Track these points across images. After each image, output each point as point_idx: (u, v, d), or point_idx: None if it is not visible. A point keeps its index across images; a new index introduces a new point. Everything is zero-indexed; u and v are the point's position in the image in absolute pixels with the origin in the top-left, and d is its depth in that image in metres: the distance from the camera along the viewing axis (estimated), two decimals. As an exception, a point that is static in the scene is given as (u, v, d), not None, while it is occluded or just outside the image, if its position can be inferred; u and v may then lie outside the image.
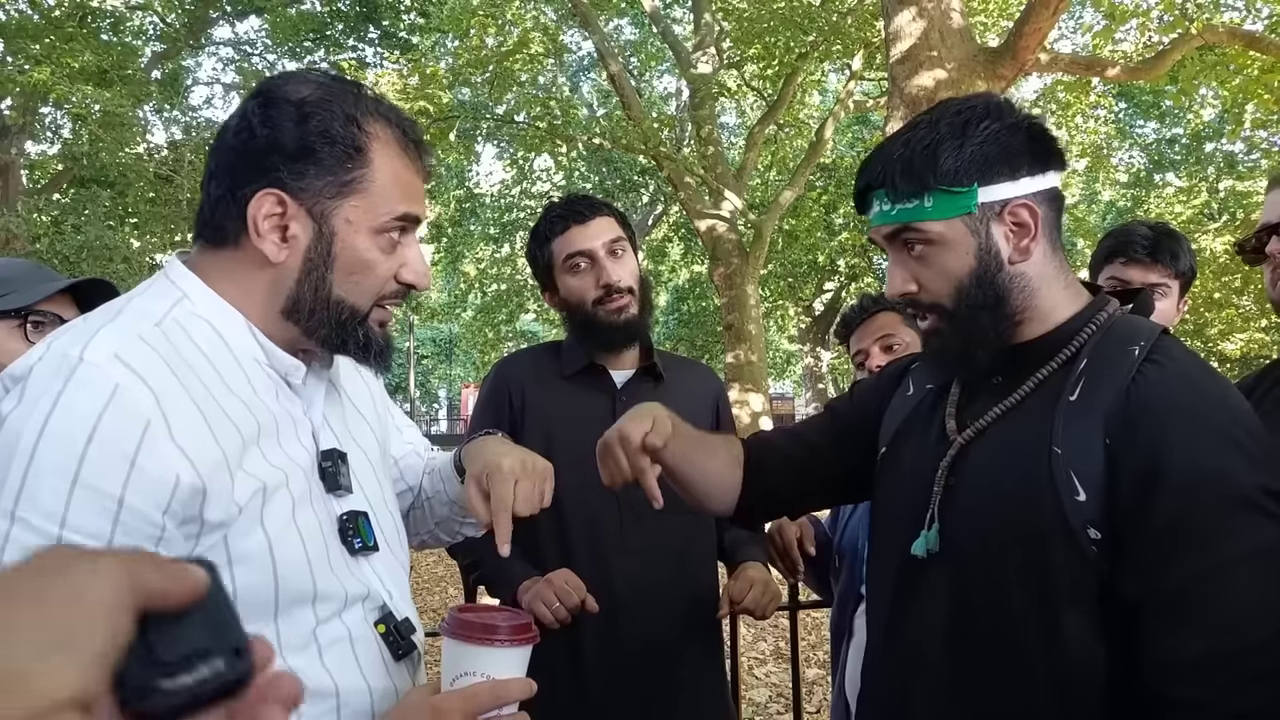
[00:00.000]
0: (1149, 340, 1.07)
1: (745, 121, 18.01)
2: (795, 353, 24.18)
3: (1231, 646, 0.95)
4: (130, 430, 0.84)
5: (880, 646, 1.23)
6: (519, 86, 13.39)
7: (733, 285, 11.50)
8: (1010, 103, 1.16)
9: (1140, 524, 0.99)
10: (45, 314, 1.71)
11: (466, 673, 0.92)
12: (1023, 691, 1.04)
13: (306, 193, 0.97)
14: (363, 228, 0.99)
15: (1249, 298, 13.47)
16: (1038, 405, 1.10)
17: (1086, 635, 1.02)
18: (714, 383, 2.07)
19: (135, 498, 0.84)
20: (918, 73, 5.09)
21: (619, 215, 1.89)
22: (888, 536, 1.24)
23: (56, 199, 13.78)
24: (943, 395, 1.25)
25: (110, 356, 0.87)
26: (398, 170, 1.01)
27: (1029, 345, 1.14)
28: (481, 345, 21.08)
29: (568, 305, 1.87)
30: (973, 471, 1.13)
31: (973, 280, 1.12)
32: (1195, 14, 7.78)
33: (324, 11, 14.52)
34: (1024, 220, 1.11)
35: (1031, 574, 1.04)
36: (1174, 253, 2.05)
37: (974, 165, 1.09)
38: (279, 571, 0.92)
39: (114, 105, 11.31)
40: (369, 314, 1.02)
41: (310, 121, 0.96)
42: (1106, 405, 1.03)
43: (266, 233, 0.96)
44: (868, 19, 10.62)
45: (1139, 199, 17.60)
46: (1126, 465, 1.00)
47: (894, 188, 1.12)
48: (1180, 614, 0.97)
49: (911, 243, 1.13)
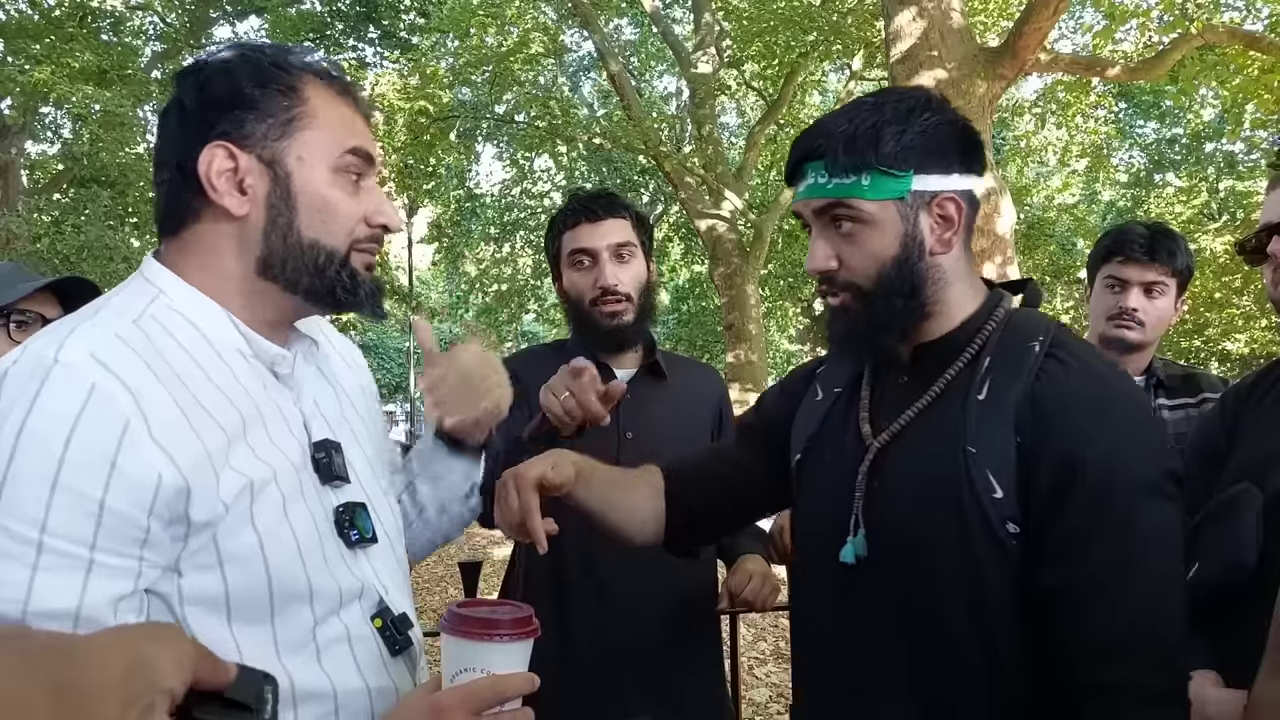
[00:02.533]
0: (1047, 336, 1.12)
1: (745, 121, 18.00)
2: (795, 353, 24.16)
3: (1150, 624, 1.01)
4: (109, 431, 0.83)
5: (816, 652, 1.25)
6: (519, 86, 13.38)
7: (733, 285, 11.49)
8: (948, 102, 1.19)
9: (1058, 515, 1.03)
10: (27, 313, 1.70)
11: (466, 669, 0.91)
12: (964, 687, 1.08)
13: (251, 139, 0.96)
14: (318, 164, 0.98)
15: (1249, 298, 13.47)
16: (948, 406, 1.13)
17: (1013, 630, 1.05)
18: (718, 384, 2.07)
19: (116, 500, 0.82)
20: (918, 73, 5.09)
21: (636, 218, 1.90)
22: (816, 542, 1.24)
23: (56, 199, 13.78)
24: (853, 398, 1.27)
25: (86, 356, 0.85)
26: (337, 107, 1.00)
27: (935, 344, 1.17)
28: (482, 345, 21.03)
29: (569, 299, 1.89)
30: (892, 475, 1.15)
31: (894, 265, 1.13)
32: (1195, 14, 7.78)
33: (324, 11, 14.52)
34: (950, 214, 1.14)
35: (957, 573, 1.07)
36: (1171, 251, 2.06)
37: (913, 152, 1.11)
38: (272, 571, 0.91)
39: (114, 105, 11.31)
40: (348, 256, 1.01)
41: (236, 74, 0.97)
42: (1015, 403, 1.07)
43: (224, 189, 0.96)
44: (868, 19, 10.62)
45: (1139, 199, 17.60)
46: (1042, 460, 1.04)
47: (835, 161, 1.12)
48: (1100, 598, 1.01)
49: (841, 219, 1.14)
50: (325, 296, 1.01)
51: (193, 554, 0.87)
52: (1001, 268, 4.87)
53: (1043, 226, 16.18)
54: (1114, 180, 16.82)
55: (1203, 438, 1.65)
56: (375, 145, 1.04)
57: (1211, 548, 1.39)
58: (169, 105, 1.01)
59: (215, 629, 0.88)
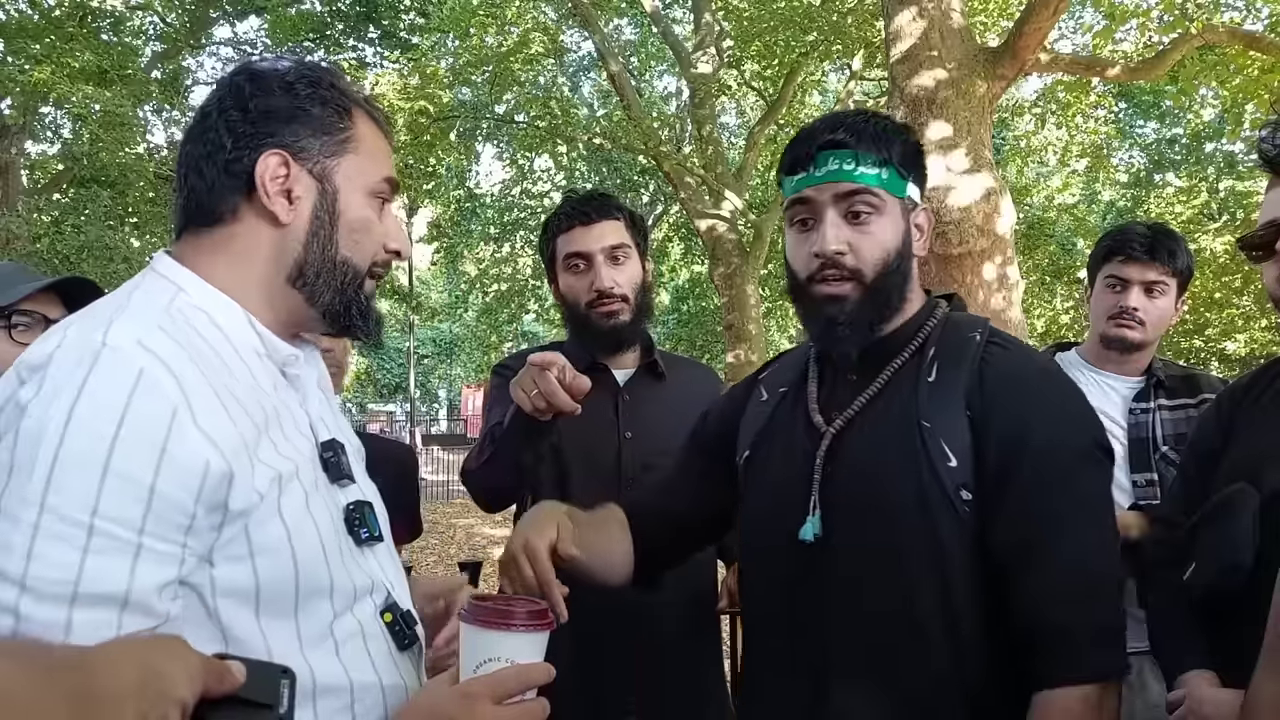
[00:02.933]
0: (984, 329, 1.27)
1: (745, 121, 17.99)
2: (795, 353, 24.14)
3: (1088, 573, 1.14)
4: (159, 416, 0.83)
5: (772, 636, 1.30)
6: (519, 86, 13.37)
7: (733, 285, 11.49)
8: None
9: (1008, 480, 1.15)
10: (30, 314, 1.69)
11: (490, 659, 0.92)
12: (924, 661, 1.15)
13: (306, 153, 1.00)
14: (358, 186, 1.03)
15: (1249, 298, 13.46)
16: (898, 390, 1.24)
17: (973, 601, 1.16)
18: (716, 384, 2.08)
19: (167, 485, 0.83)
20: (918, 73, 5.08)
21: (630, 219, 1.90)
22: (766, 529, 1.31)
23: (56, 199, 13.78)
24: (799, 395, 1.35)
25: (134, 342, 0.86)
26: (376, 136, 1.06)
27: (881, 341, 1.28)
28: (483, 345, 21.06)
29: (565, 302, 1.89)
30: (849, 456, 1.24)
31: (896, 257, 1.25)
32: (1195, 14, 7.78)
33: (324, 11, 14.51)
34: (922, 223, 1.30)
35: (918, 544, 1.16)
36: (1171, 251, 2.07)
37: (911, 161, 1.27)
38: (299, 564, 0.92)
39: (114, 105, 11.30)
40: (364, 280, 1.05)
41: (297, 88, 1.00)
42: (963, 383, 1.20)
43: (275, 194, 0.98)
44: (868, 19, 10.61)
45: (1139, 199, 17.59)
46: (991, 433, 1.17)
47: (864, 151, 1.22)
48: (1049, 551, 1.13)
49: (860, 207, 1.23)
50: (340, 315, 1.04)
51: (225, 544, 0.88)
52: (1001, 268, 4.86)
53: (1043, 226, 16.17)
54: (1114, 180, 16.81)
55: (1199, 438, 1.65)
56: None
57: (1208, 548, 1.40)
58: (213, 104, 1.01)
59: (245, 622, 0.89)
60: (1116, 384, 2.13)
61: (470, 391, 27.93)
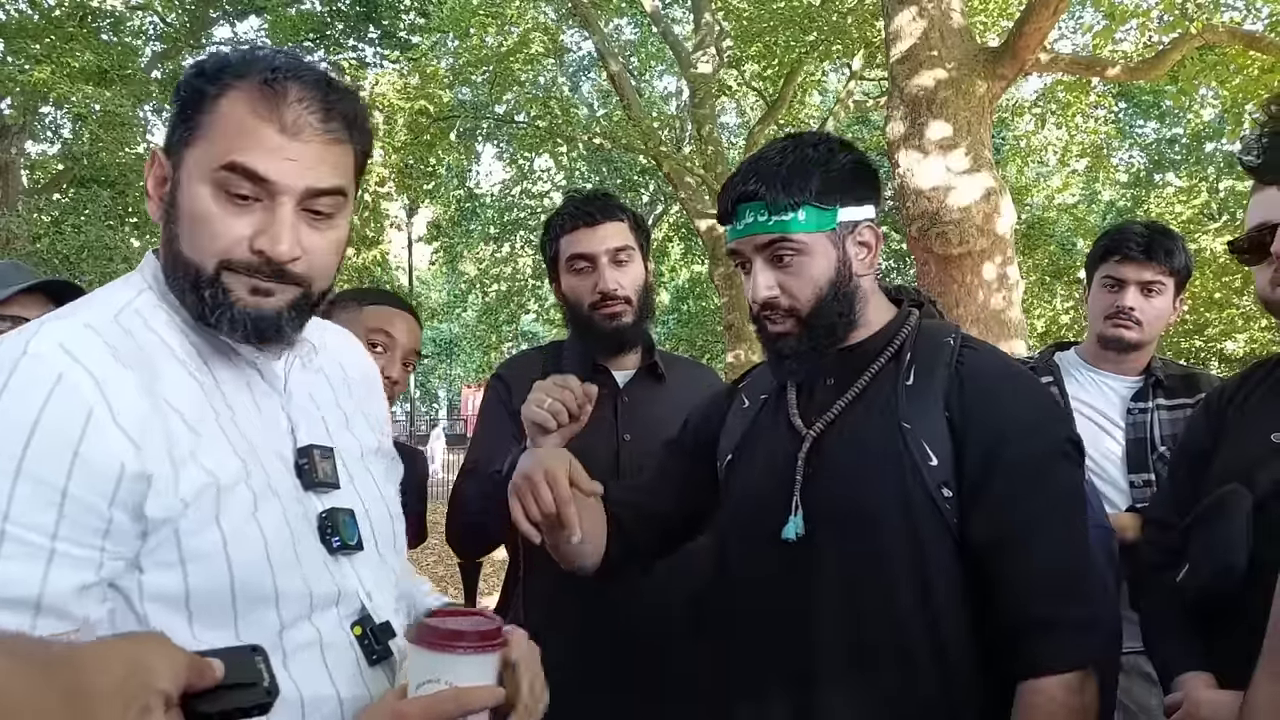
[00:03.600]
0: (956, 335, 1.33)
1: (745, 121, 17.99)
2: (795, 353, 24.15)
3: (1071, 566, 1.21)
4: (73, 419, 0.84)
5: (752, 636, 1.32)
6: (519, 86, 13.37)
7: (733, 285, 11.48)
8: (851, 142, 1.39)
9: (987, 477, 1.20)
10: (14, 319, 1.64)
11: (430, 680, 0.90)
12: (905, 659, 1.19)
13: (169, 146, 0.97)
14: (196, 176, 0.94)
15: (1249, 298, 13.45)
16: (878, 393, 1.29)
17: (953, 600, 1.20)
18: (716, 383, 2.07)
19: (79, 488, 0.83)
20: (918, 73, 5.08)
21: (633, 219, 1.90)
22: (746, 530, 1.35)
23: (56, 199, 13.77)
24: (780, 401, 1.39)
25: (55, 346, 0.87)
26: (242, 117, 0.92)
27: (856, 348, 1.33)
28: (483, 346, 21.05)
29: (568, 303, 1.89)
30: (830, 458, 1.28)
31: (830, 289, 1.29)
32: (1195, 14, 7.77)
33: (324, 11, 14.50)
34: (868, 240, 1.32)
35: (900, 542, 1.20)
36: (1169, 250, 2.06)
37: (838, 188, 1.28)
38: (235, 571, 0.90)
39: (114, 105, 11.30)
40: (218, 278, 0.94)
41: (181, 85, 0.97)
42: (941, 385, 1.25)
43: (153, 192, 0.98)
44: (868, 19, 10.60)
45: (1139, 199, 17.58)
46: (970, 432, 1.22)
47: (774, 200, 1.25)
48: (1028, 547, 1.19)
49: (782, 252, 1.27)
50: (201, 315, 0.95)
51: (153, 550, 0.88)
52: (1001, 268, 4.86)
53: (1043, 226, 16.16)
54: (1114, 180, 16.80)
55: (1189, 439, 1.65)
56: (289, 167, 0.93)
57: (1202, 550, 1.39)
58: None
59: (178, 629, 0.88)
60: (1115, 384, 2.12)
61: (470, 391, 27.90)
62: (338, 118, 0.96)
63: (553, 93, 14.58)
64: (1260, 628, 0.96)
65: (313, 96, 0.94)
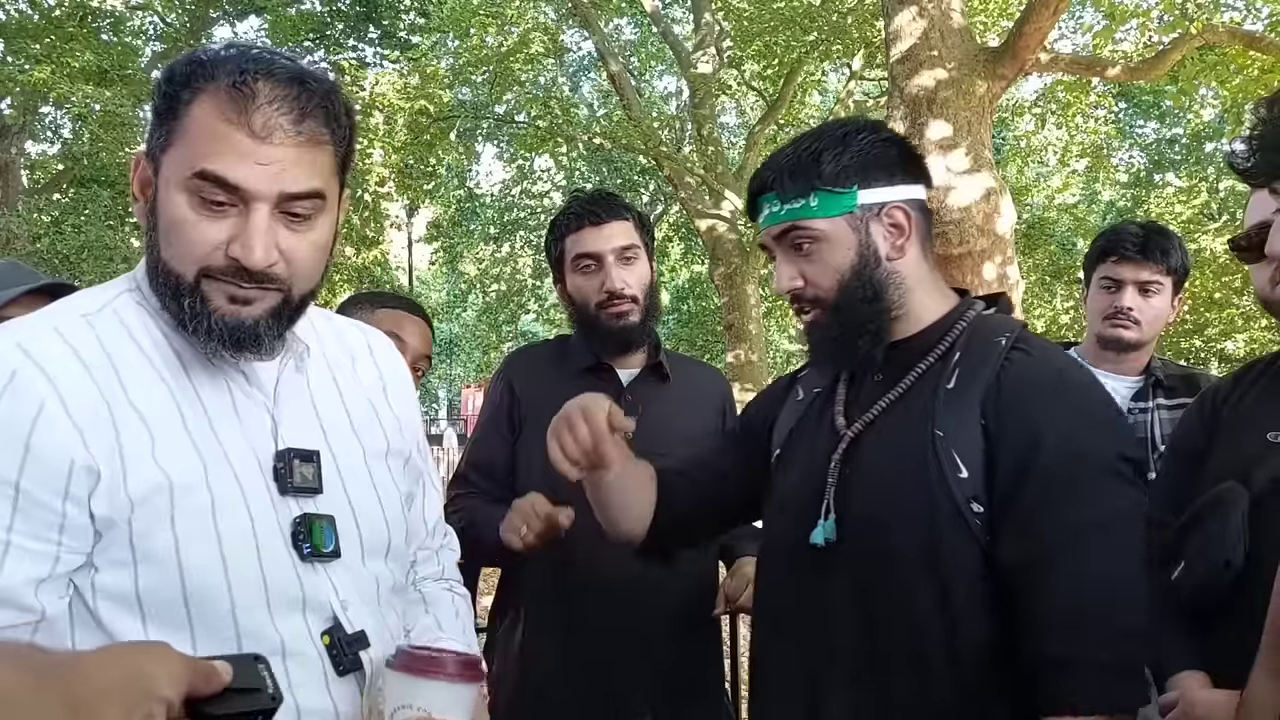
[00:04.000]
0: (1013, 333, 1.20)
1: (745, 121, 17.98)
2: (795, 353, 24.14)
3: (1103, 601, 1.04)
4: (24, 413, 0.85)
5: (777, 638, 1.28)
6: (519, 86, 13.37)
7: (733, 285, 11.49)
8: (884, 123, 1.31)
9: (1018, 493, 1.08)
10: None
11: (405, 705, 0.89)
12: (922, 670, 1.12)
13: (150, 150, 0.96)
14: (172, 182, 0.92)
15: (1249, 298, 13.45)
16: (919, 395, 1.20)
17: (976, 614, 1.11)
18: (721, 384, 2.08)
19: (30, 483, 0.84)
20: (918, 73, 5.08)
21: (638, 219, 1.89)
22: (783, 531, 1.30)
23: (56, 199, 13.77)
24: (830, 396, 1.33)
25: (12, 346, 0.88)
26: (212, 122, 0.90)
27: (906, 343, 1.25)
28: (483, 345, 21.05)
29: (574, 302, 1.89)
30: (864, 461, 1.22)
31: (854, 274, 1.22)
32: (1195, 14, 7.77)
33: (324, 11, 14.50)
34: (899, 221, 1.23)
35: (924, 551, 1.12)
36: (1165, 249, 2.06)
37: (854, 169, 1.22)
38: (186, 575, 0.89)
39: (114, 105, 11.30)
40: (197, 286, 0.92)
41: (157, 88, 0.96)
42: (981, 390, 1.14)
43: (137, 194, 0.98)
44: (868, 19, 10.60)
45: (1139, 199, 17.57)
46: (1004, 442, 1.11)
47: (783, 189, 1.23)
48: (1054, 573, 1.06)
49: (799, 241, 1.23)
50: (182, 322, 0.94)
51: (106, 549, 0.88)
52: (1001, 268, 4.86)
53: (1043, 226, 16.16)
54: (1114, 180, 16.80)
55: (1182, 437, 1.65)
56: (261, 172, 0.91)
57: (1198, 548, 1.39)
58: None
59: (130, 629, 0.89)
60: (1115, 384, 2.12)
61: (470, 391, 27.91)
62: (313, 117, 0.92)
63: (553, 93, 14.58)
64: (1257, 625, 0.96)
65: (284, 96, 0.91)
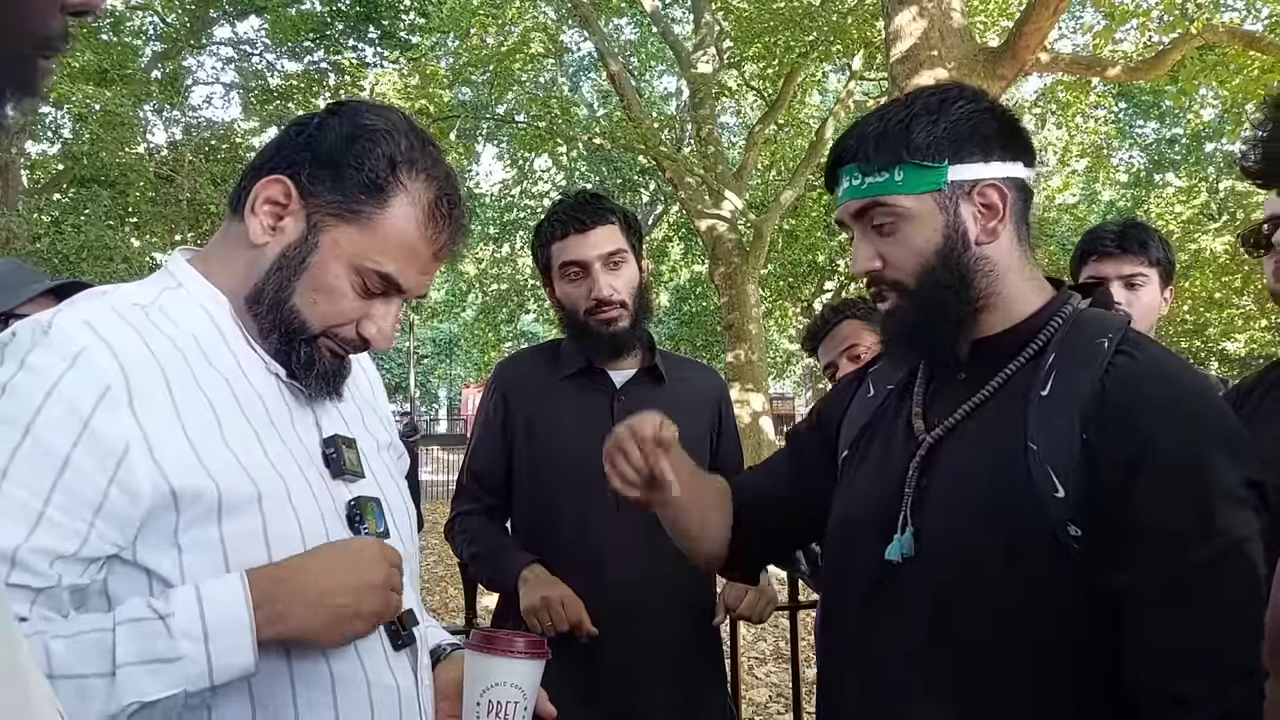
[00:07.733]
0: (1117, 332, 1.05)
1: (745, 121, 17.99)
2: (795, 353, 24.15)
3: (1222, 642, 0.93)
4: (88, 391, 0.86)
5: (848, 659, 1.16)
6: (519, 86, 13.38)
7: (733, 285, 11.49)
8: (985, 92, 1.16)
9: (1124, 517, 0.96)
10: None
11: (498, 683, 1.01)
12: (1008, 695, 1.01)
13: (314, 198, 0.99)
14: (344, 256, 0.99)
15: (1249, 298, 13.46)
16: (1007, 401, 1.07)
17: (1069, 633, 0.99)
18: (716, 383, 2.06)
19: (82, 457, 0.85)
20: (918, 72, 5.08)
21: (625, 221, 1.86)
22: (853, 542, 1.17)
23: (56, 199, 13.76)
24: (905, 394, 1.21)
25: (80, 323, 0.90)
26: (408, 232, 1.00)
27: (994, 339, 1.12)
28: (482, 345, 21.06)
29: (563, 309, 1.87)
30: (945, 471, 1.09)
31: (939, 258, 1.09)
32: (1195, 14, 7.77)
33: (324, 11, 14.49)
34: (993, 202, 1.09)
35: (1013, 574, 1.00)
36: (1142, 241, 2.06)
37: (946, 142, 1.08)
38: (273, 555, 0.93)
39: (114, 105, 11.30)
40: (317, 338, 1.02)
41: (355, 144, 0.99)
42: (1081, 399, 1.00)
43: (260, 213, 1.00)
44: (868, 19, 10.61)
45: (1139, 199, 17.59)
46: (1107, 458, 0.97)
47: (866, 160, 1.10)
48: (1170, 609, 0.95)
49: (880, 219, 1.11)
50: (282, 357, 1.02)
51: (188, 528, 0.90)
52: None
53: (1043, 226, 16.16)
54: (1114, 180, 16.82)
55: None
56: (422, 283, 1.04)
57: None
58: (312, 115, 1.05)
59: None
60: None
61: (470, 391, 27.92)
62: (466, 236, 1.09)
63: (553, 93, 14.59)
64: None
65: (460, 222, 1.05)
